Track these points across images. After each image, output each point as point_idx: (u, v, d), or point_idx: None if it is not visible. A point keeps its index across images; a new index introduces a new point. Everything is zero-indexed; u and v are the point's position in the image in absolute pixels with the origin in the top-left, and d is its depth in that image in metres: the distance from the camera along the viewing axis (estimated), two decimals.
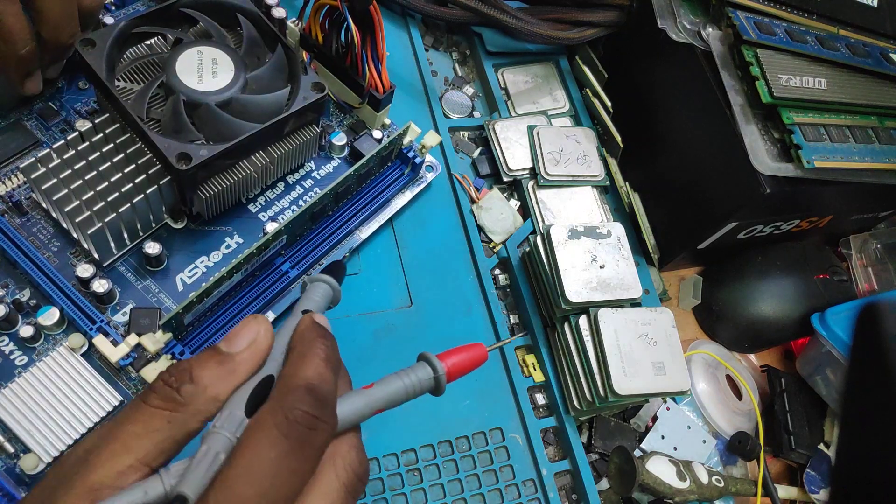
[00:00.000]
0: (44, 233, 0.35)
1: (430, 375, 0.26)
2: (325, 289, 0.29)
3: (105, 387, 0.32)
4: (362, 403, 0.24)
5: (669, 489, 0.38)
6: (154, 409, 0.21)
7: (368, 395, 0.24)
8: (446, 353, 0.26)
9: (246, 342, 0.23)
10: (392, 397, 0.25)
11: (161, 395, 0.21)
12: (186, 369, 0.22)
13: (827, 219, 0.48)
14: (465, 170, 0.47)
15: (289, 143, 0.37)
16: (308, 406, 0.21)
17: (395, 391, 0.25)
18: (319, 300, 0.28)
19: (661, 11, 0.44)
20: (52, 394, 0.31)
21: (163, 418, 0.21)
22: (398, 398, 0.25)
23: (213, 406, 0.22)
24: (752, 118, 0.40)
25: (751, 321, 0.47)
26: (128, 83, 0.34)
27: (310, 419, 0.21)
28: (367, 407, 0.24)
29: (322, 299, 0.29)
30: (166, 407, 0.21)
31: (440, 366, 0.26)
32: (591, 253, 0.40)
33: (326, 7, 0.38)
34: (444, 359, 0.26)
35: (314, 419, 0.21)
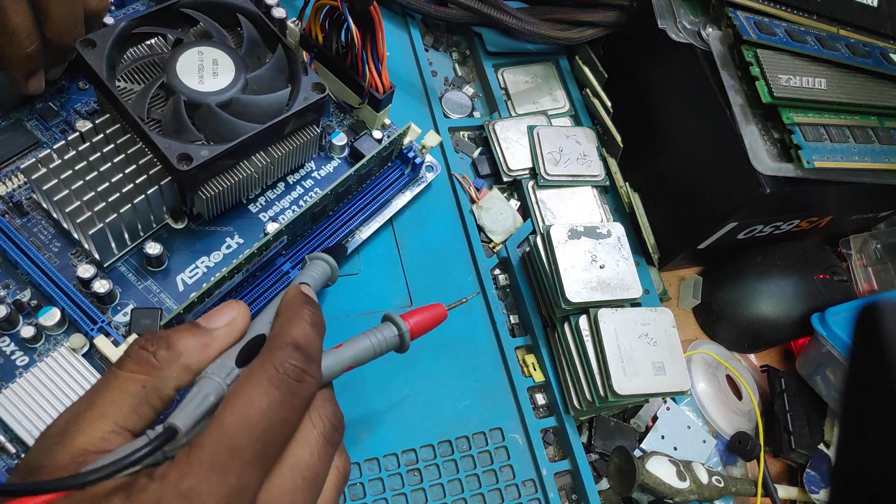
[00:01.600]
0: (44, 233, 0.35)
1: (395, 333, 0.28)
2: (323, 266, 0.31)
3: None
4: (333, 361, 0.26)
5: (669, 489, 0.38)
6: (129, 373, 0.22)
7: (338, 353, 0.26)
8: (409, 313, 0.29)
9: (224, 321, 0.25)
10: (360, 355, 0.27)
11: (136, 359, 0.23)
12: (163, 336, 0.23)
13: (827, 219, 0.48)
14: (465, 170, 0.47)
15: (289, 143, 0.37)
16: (296, 360, 0.23)
17: (363, 349, 0.27)
18: (317, 276, 0.30)
19: (661, 11, 0.44)
20: (53, 394, 0.31)
21: (137, 382, 0.22)
22: (366, 355, 0.27)
23: (185, 374, 0.23)
24: (752, 118, 0.40)
25: (751, 321, 0.47)
26: (128, 84, 0.34)
27: (298, 372, 0.22)
28: (338, 364, 0.26)
29: (320, 275, 0.31)
30: (141, 371, 0.22)
31: (404, 324, 0.28)
32: (591, 253, 0.40)
33: (327, 7, 0.38)
34: (407, 318, 0.28)
35: (302, 372, 0.22)
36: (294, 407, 0.22)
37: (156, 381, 0.22)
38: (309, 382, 0.23)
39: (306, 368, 0.23)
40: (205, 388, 0.22)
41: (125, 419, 0.21)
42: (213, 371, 0.23)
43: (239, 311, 0.25)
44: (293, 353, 0.23)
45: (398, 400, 0.39)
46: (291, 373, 0.22)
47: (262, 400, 0.21)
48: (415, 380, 0.39)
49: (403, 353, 0.29)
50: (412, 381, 0.39)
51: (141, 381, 0.22)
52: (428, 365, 0.40)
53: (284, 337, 0.23)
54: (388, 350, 0.28)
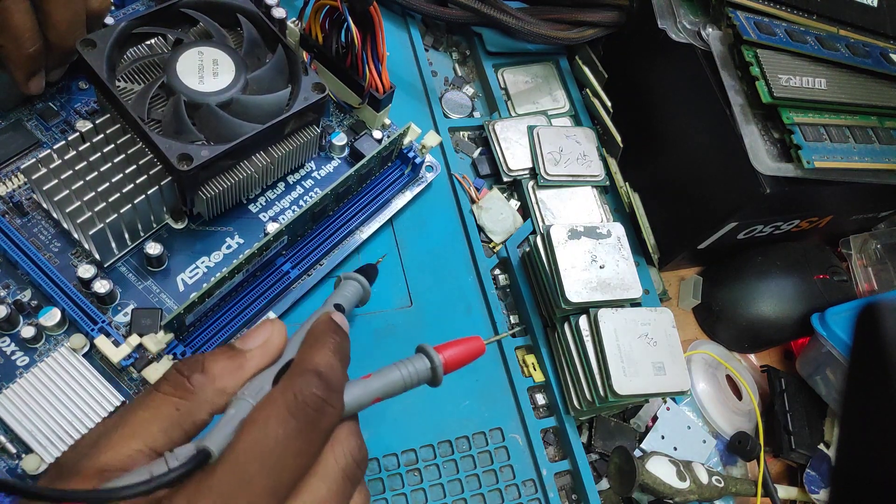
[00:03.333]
0: (45, 233, 0.35)
1: (427, 366, 0.26)
2: (355, 286, 0.31)
3: (106, 387, 0.32)
4: (361, 392, 0.25)
5: (669, 489, 0.38)
6: (164, 395, 0.22)
7: (367, 384, 0.25)
8: (444, 346, 0.27)
9: (259, 341, 0.24)
10: (390, 387, 0.26)
11: (172, 382, 0.22)
12: (199, 360, 0.23)
13: (827, 219, 0.48)
14: (465, 170, 0.47)
15: (289, 143, 0.37)
16: (317, 388, 0.22)
17: (392, 381, 0.26)
18: (349, 296, 0.30)
19: (661, 11, 0.44)
20: (53, 395, 0.31)
21: (171, 405, 0.22)
22: (396, 388, 0.26)
23: (220, 398, 0.22)
24: (752, 118, 0.40)
25: (751, 321, 0.47)
26: (128, 84, 0.34)
27: (318, 401, 0.21)
28: (366, 396, 0.25)
29: (352, 296, 0.31)
30: (175, 394, 0.22)
31: (437, 357, 0.26)
32: (591, 253, 0.40)
33: (326, 7, 0.38)
34: (441, 351, 0.27)
35: (322, 402, 0.22)
36: (312, 439, 0.21)
37: (190, 404, 0.22)
38: (329, 413, 0.22)
39: (327, 398, 0.22)
40: (240, 411, 0.22)
41: (154, 440, 0.21)
42: (249, 393, 0.22)
43: (274, 331, 0.24)
44: (314, 381, 0.22)
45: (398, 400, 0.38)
46: (311, 401, 0.21)
47: (278, 428, 0.20)
48: None
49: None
50: None
51: (175, 404, 0.22)
52: None
53: (306, 364, 0.23)
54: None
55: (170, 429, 0.21)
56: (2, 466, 0.30)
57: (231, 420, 0.21)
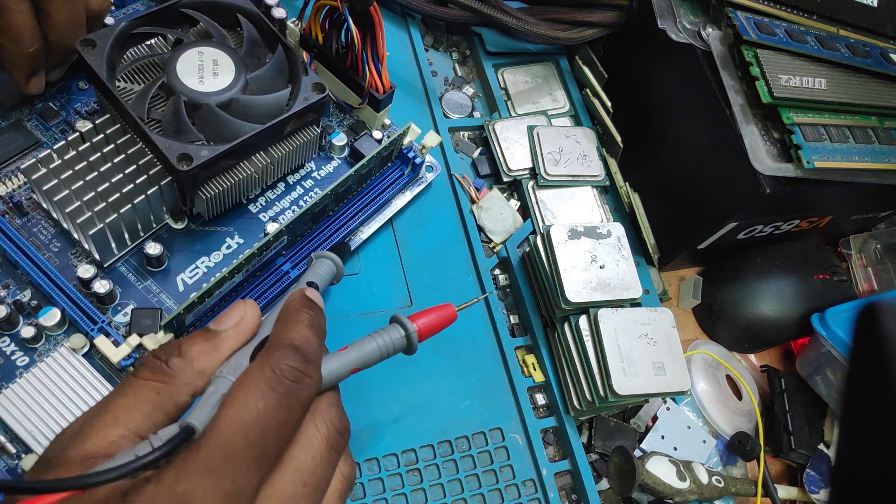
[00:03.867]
0: (44, 233, 0.35)
1: (402, 335, 0.27)
2: (328, 264, 0.31)
3: (106, 387, 0.32)
4: (338, 363, 0.25)
5: (669, 489, 0.38)
6: (143, 380, 0.22)
7: (344, 355, 0.26)
8: (417, 314, 0.28)
9: (232, 321, 0.25)
10: (367, 357, 0.26)
11: (150, 367, 0.23)
12: (176, 345, 0.23)
13: (827, 219, 0.48)
14: (465, 170, 0.47)
15: (289, 143, 0.37)
16: (293, 361, 0.22)
17: (368, 351, 0.26)
18: (323, 274, 0.31)
19: (661, 11, 0.44)
20: (53, 394, 0.31)
21: (152, 389, 0.22)
22: (373, 357, 0.26)
23: (199, 379, 0.23)
24: (752, 118, 0.40)
25: (751, 321, 0.47)
26: (128, 84, 0.34)
27: (295, 373, 0.22)
28: (343, 366, 0.25)
29: (325, 274, 0.31)
30: (155, 378, 0.22)
31: (411, 326, 0.27)
32: (591, 253, 0.40)
33: (327, 7, 0.38)
34: (415, 319, 0.28)
35: (300, 373, 0.22)
36: (292, 409, 0.22)
37: (170, 387, 0.22)
38: (307, 384, 0.22)
39: (304, 370, 0.22)
40: (220, 387, 0.22)
41: (137, 425, 0.21)
42: (227, 370, 0.23)
43: (247, 310, 0.25)
44: (290, 354, 0.22)
45: (398, 400, 0.39)
46: (289, 374, 0.22)
47: (258, 402, 0.21)
48: (415, 380, 0.39)
49: (411, 354, 0.28)
50: (412, 381, 0.39)
51: (155, 388, 0.22)
52: (428, 365, 0.40)
53: (282, 339, 0.23)
54: (396, 352, 0.27)
55: (152, 413, 0.22)
56: (2, 466, 0.30)
57: (212, 397, 0.22)
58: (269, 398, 0.21)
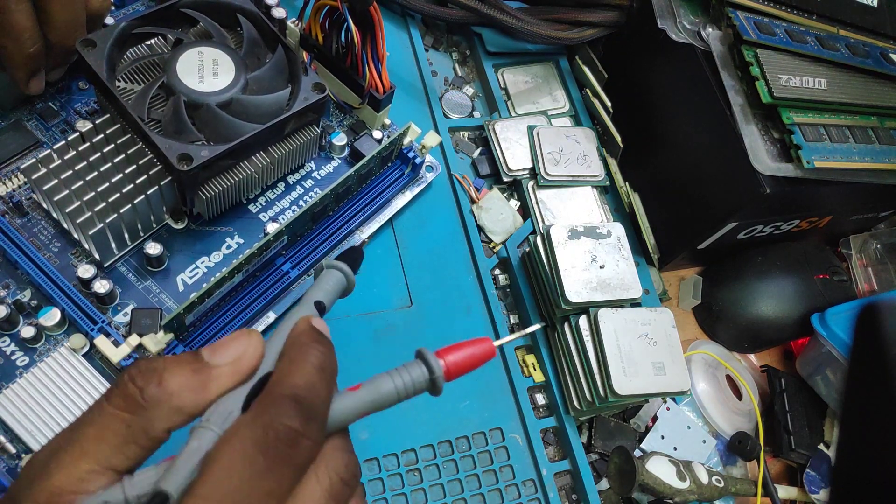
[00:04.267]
0: (44, 233, 0.35)
1: (426, 376, 0.23)
2: (338, 277, 0.27)
3: (106, 387, 0.32)
4: (348, 405, 0.22)
5: (669, 489, 0.38)
6: (113, 409, 0.19)
7: (355, 396, 0.22)
8: (447, 349, 0.24)
9: (230, 357, 0.21)
10: (382, 400, 0.22)
11: (123, 394, 0.19)
12: (156, 370, 0.20)
13: (827, 219, 0.48)
14: (465, 170, 0.47)
15: (289, 143, 0.37)
16: (292, 420, 0.19)
17: (385, 393, 0.22)
18: (331, 289, 0.26)
19: (661, 11, 0.44)
20: (53, 394, 0.31)
21: (121, 421, 0.19)
22: (388, 400, 0.23)
23: (177, 417, 0.20)
24: (752, 118, 0.40)
25: (751, 321, 0.47)
26: (128, 84, 0.34)
27: (292, 434, 0.19)
28: (354, 410, 0.22)
29: (334, 288, 0.26)
30: (126, 409, 0.19)
31: (437, 365, 0.23)
32: (591, 253, 0.40)
33: (326, 7, 0.38)
34: (443, 356, 0.23)
35: (297, 435, 0.19)
36: (284, 476, 0.19)
37: (142, 421, 0.19)
38: (305, 448, 0.19)
39: (304, 430, 0.19)
40: (203, 443, 0.19)
41: (107, 459, 0.19)
42: (213, 420, 0.20)
43: (249, 347, 0.21)
44: (290, 410, 0.19)
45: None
46: (284, 435, 0.19)
47: (244, 469, 0.18)
48: None
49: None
50: None
51: (125, 420, 0.19)
52: None
53: (282, 387, 0.20)
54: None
55: (122, 446, 0.19)
56: (2, 466, 0.30)
57: (192, 455, 0.19)
58: (257, 464, 0.18)
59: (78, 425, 0.19)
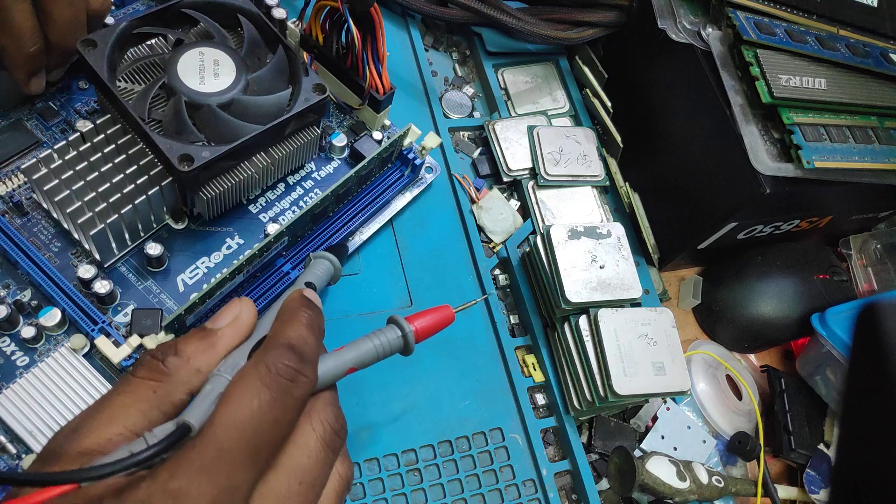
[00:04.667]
0: (45, 233, 0.35)
1: (399, 335, 0.27)
2: (326, 265, 0.31)
3: (107, 388, 0.32)
4: (334, 363, 0.25)
5: (669, 489, 0.38)
6: (140, 379, 0.22)
7: (340, 355, 0.26)
8: (414, 315, 0.28)
9: (228, 319, 0.25)
10: (363, 357, 0.26)
11: (147, 366, 0.23)
12: (172, 344, 0.24)
13: (827, 219, 0.48)
14: (465, 170, 0.47)
15: (290, 144, 0.37)
16: (289, 360, 0.22)
17: (365, 351, 0.27)
18: (321, 274, 0.31)
19: (661, 11, 0.44)
20: (53, 395, 0.31)
21: (149, 388, 0.22)
22: (369, 357, 0.27)
23: (195, 378, 0.23)
24: (752, 118, 0.40)
25: (751, 321, 0.47)
26: (129, 84, 0.34)
27: (290, 372, 0.22)
28: (340, 366, 0.26)
29: (323, 274, 0.31)
30: (151, 377, 0.22)
31: (408, 326, 0.28)
32: (591, 253, 0.41)
33: (327, 8, 0.38)
34: (412, 320, 0.28)
35: (295, 372, 0.22)
36: (286, 407, 0.22)
37: (167, 385, 0.22)
38: (302, 383, 0.23)
39: (300, 368, 0.23)
40: (216, 385, 0.22)
41: (134, 423, 0.21)
42: (224, 368, 0.23)
43: (242, 308, 0.25)
44: (286, 354, 0.23)
45: (398, 400, 0.39)
46: (284, 372, 0.22)
47: (253, 400, 0.21)
48: (415, 380, 0.39)
49: (408, 355, 0.28)
50: (412, 381, 0.39)
51: (151, 387, 0.22)
52: (428, 365, 0.40)
53: (279, 338, 0.23)
54: (392, 352, 0.28)
55: (148, 411, 0.22)
56: (2, 467, 0.30)
57: (208, 395, 0.22)
58: (264, 396, 0.21)
59: (108, 395, 0.22)
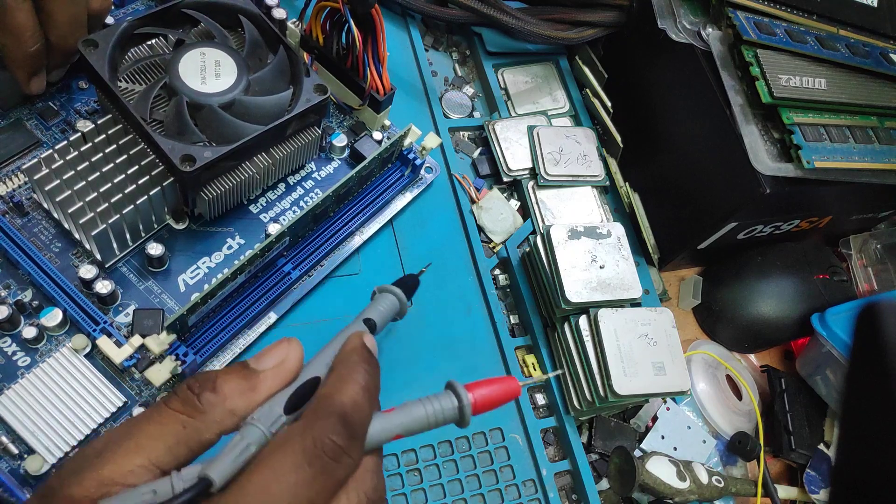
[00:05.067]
0: (45, 234, 0.35)
1: (454, 406, 0.25)
2: (392, 301, 0.29)
3: (108, 388, 0.32)
4: (381, 428, 0.23)
5: (669, 489, 0.38)
6: (172, 411, 0.21)
7: (389, 419, 0.24)
8: (475, 384, 0.26)
9: (273, 362, 0.23)
10: (413, 424, 0.24)
11: (181, 398, 0.22)
12: (211, 378, 0.22)
13: (827, 219, 0.48)
14: (465, 170, 0.47)
15: (291, 144, 0.37)
16: (338, 436, 0.21)
17: (416, 419, 0.24)
18: (384, 311, 0.29)
19: (661, 11, 0.44)
20: (55, 395, 0.31)
21: (178, 422, 0.21)
22: (419, 426, 0.24)
23: (229, 419, 0.22)
24: (752, 118, 0.40)
25: (751, 321, 0.47)
26: (130, 84, 0.34)
27: (337, 451, 0.21)
28: (386, 433, 0.24)
29: (387, 310, 0.29)
30: (184, 411, 0.21)
31: (466, 397, 0.25)
32: (591, 253, 0.41)
33: (328, 9, 0.38)
34: (472, 389, 0.25)
35: (341, 451, 0.21)
36: (325, 488, 0.20)
37: (198, 423, 0.21)
38: (346, 465, 0.21)
39: (347, 448, 0.21)
40: (247, 437, 0.21)
41: (158, 457, 0.20)
42: (259, 418, 0.22)
43: (290, 352, 0.24)
44: (337, 427, 0.21)
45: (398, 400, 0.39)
46: (330, 451, 0.20)
47: (291, 475, 0.20)
48: (415, 380, 0.39)
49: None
50: (412, 382, 0.39)
51: (182, 422, 0.21)
52: (428, 365, 0.40)
53: (332, 403, 0.22)
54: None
55: (175, 446, 0.21)
56: (4, 467, 0.30)
57: (236, 447, 0.21)
58: (303, 473, 0.20)
59: (137, 422, 0.21)
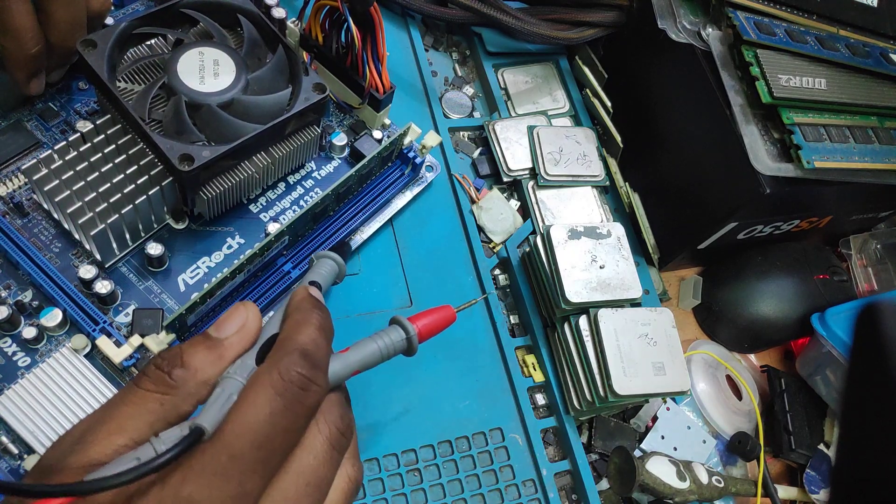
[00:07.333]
0: (45, 234, 0.35)
1: (403, 336, 0.27)
2: (331, 264, 0.31)
3: (108, 388, 0.32)
4: (340, 365, 0.25)
5: (669, 489, 0.38)
6: (146, 391, 0.22)
7: (346, 357, 0.26)
8: (416, 316, 0.28)
9: (234, 327, 0.24)
10: (368, 359, 0.26)
11: (153, 378, 0.22)
12: (177, 354, 0.23)
13: (827, 219, 0.48)
14: (465, 170, 0.47)
15: (290, 143, 0.37)
16: (302, 368, 0.22)
17: (370, 353, 0.27)
18: (325, 274, 0.31)
19: (661, 11, 0.44)
20: (55, 395, 0.31)
21: (155, 400, 0.22)
22: (374, 359, 0.27)
23: (203, 389, 0.23)
24: (752, 118, 0.40)
25: (751, 321, 0.47)
26: (129, 84, 0.34)
27: (303, 380, 0.22)
28: (346, 369, 0.26)
29: (328, 273, 0.31)
30: (157, 390, 0.22)
31: (411, 327, 0.27)
32: (591, 253, 0.41)
33: (327, 8, 0.38)
34: (414, 321, 0.28)
35: (307, 380, 0.22)
36: (298, 415, 0.22)
37: (174, 398, 0.22)
38: (314, 391, 0.22)
39: (312, 377, 0.22)
40: (228, 388, 0.22)
41: (141, 435, 0.21)
42: (235, 371, 0.23)
43: (248, 315, 0.25)
44: (299, 361, 0.22)
45: (398, 400, 0.39)
46: (296, 381, 0.22)
47: (265, 407, 0.21)
48: (415, 380, 0.39)
49: (411, 356, 0.28)
50: (412, 382, 0.39)
51: (158, 400, 0.22)
52: (428, 365, 0.40)
53: (291, 343, 0.23)
54: (396, 353, 0.28)
55: (155, 423, 0.22)
56: (4, 467, 0.30)
57: (220, 398, 0.22)
58: (276, 404, 0.21)
59: (112, 404, 0.22)
